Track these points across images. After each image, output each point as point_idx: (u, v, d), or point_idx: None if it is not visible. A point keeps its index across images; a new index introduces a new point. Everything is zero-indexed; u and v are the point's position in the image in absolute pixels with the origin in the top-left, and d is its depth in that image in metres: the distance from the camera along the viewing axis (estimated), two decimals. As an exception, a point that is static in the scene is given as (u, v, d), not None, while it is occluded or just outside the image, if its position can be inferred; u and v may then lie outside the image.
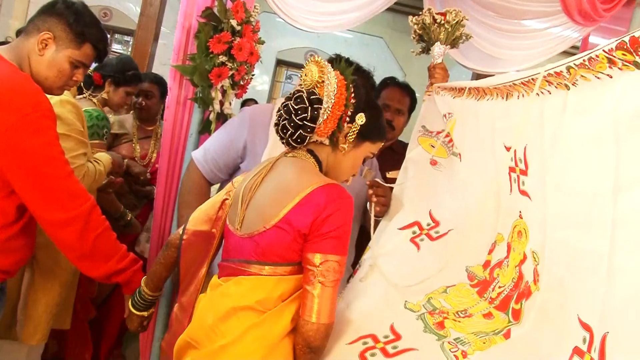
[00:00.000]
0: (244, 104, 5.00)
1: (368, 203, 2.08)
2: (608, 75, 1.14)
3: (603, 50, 1.10)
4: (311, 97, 1.44)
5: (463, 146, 1.94)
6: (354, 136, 1.51)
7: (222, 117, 2.47)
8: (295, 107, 1.44)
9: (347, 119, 1.49)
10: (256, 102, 5.50)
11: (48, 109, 1.61)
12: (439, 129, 2.10)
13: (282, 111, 1.48)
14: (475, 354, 1.35)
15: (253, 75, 2.54)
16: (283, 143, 1.52)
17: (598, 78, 1.17)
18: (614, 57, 1.08)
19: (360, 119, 1.50)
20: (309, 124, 1.44)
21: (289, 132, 1.46)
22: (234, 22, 2.27)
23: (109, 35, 8.31)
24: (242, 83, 2.46)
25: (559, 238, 1.31)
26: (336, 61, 1.54)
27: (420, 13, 2.28)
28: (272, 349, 1.34)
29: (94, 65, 2.11)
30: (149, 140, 3.32)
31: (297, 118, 1.43)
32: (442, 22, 2.21)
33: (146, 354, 2.63)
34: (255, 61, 2.43)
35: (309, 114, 1.42)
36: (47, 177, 1.60)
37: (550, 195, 1.35)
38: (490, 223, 1.72)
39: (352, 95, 1.49)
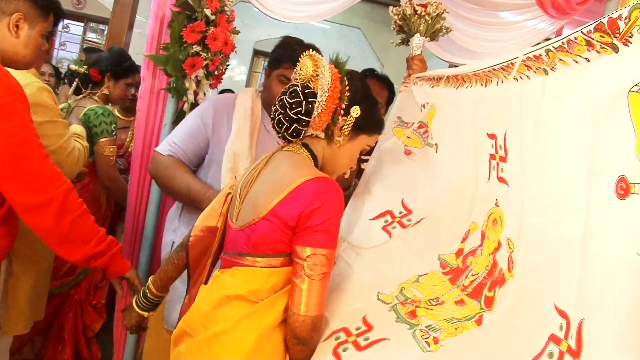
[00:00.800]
0: (220, 94, 4.94)
1: None
2: (586, 58, 1.14)
3: (582, 32, 1.10)
4: (306, 90, 1.44)
5: (443, 136, 1.93)
6: (349, 129, 1.51)
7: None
8: (290, 101, 1.44)
9: (342, 112, 1.49)
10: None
11: (19, 92, 1.58)
12: (415, 120, 2.11)
13: (277, 105, 1.49)
14: (447, 340, 1.35)
15: (228, 65, 2.52)
16: (279, 137, 1.53)
17: (576, 62, 1.18)
18: (592, 39, 1.08)
19: (355, 111, 1.49)
20: (304, 118, 1.44)
21: (284, 126, 1.46)
22: (208, 12, 2.25)
23: (82, 24, 8.22)
24: (216, 73, 2.44)
25: (536, 224, 1.31)
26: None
27: (401, 4, 2.28)
28: (263, 338, 1.36)
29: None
30: (127, 131, 3.27)
31: (292, 112, 1.44)
32: (423, 13, 2.21)
33: (120, 349, 2.62)
34: (229, 51, 2.40)
35: (303, 108, 1.43)
36: (22, 160, 1.57)
37: (528, 181, 1.36)
38: (464, 211, 1.73)
39: (347, 88, 1.49)
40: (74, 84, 2.96)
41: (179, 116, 2.42)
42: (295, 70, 1.52)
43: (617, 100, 1.03)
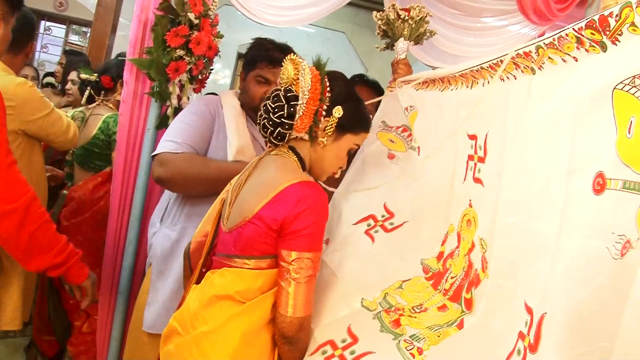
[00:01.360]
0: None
1: None
2: (574, 57, 1.16)
3: (573, 29, 1.12)
4: (288, 94, 1.47)
5: (424, 138, 1.94)
6: (332, 129, 1.53)
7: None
8: (273, 105, 1.47)
9: (324, 112, 1.51)
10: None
11: None
12: (399, 124, 2.12)
13: (262, 110, 1.52)
14: (431, 349, 1.36)
15: (212, 69, 2.51)
16: (266, 141, 1.55)
17: (564, 61, 1.19)
18: (583, 36, 1.10)
19: (338, 111, 1.51)
20: (287, 121, 1.47)
21: (269, 131, 1.49)
22: (191, 16, 2.24)
23: (65, 26, 8.14)
24: (200, 77, 2.43)
25: (510, 223, 1.32)
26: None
27: (385, 9, 2.29)
28: (250, 336, 1.38)
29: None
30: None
31: (275, 116, 1.47)
32: (406, 18, 2.23)
33: (103, 353, 2.60)
34: (213, 55, 2.40)
35: (285, 111, 1.46)
36: None
37: (506, 180, 1.37)
38: (442, 214, 1.74)
39: (328, 89, 1.51)
40: (87, 93, 2.96)
41: (162, 121, 2.41)
42: (280, 75, 1.54)
43: (602, 98, 1.04)
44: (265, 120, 1.49)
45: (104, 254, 2.56)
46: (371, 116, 1.69)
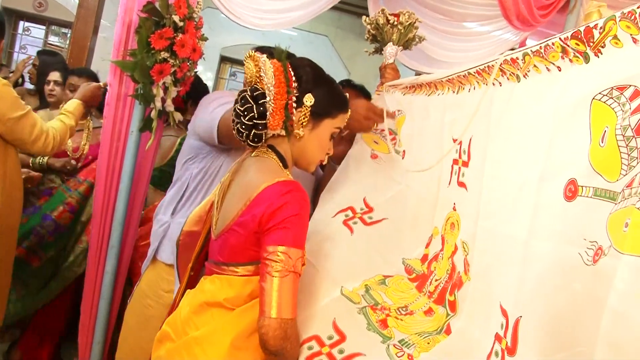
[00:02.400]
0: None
1: None
2: (558, 67, 1.19)
3: (559, 39, 1.15)
4: (254, 93, 1.41)
5: (411, 141, 1.97)
6: (306, 119, 1.47)
7: (164, 115, 2.42)
8: (242, 108, 1.42)
9: (294, 104, 1.45)
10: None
11: None
12: (383, 126, 2.14)
13: (233, 115, 1.46)
14: (421, 356, 1.37)
15: (196, 72, 2.50)
16: (244, 144, 1.50)
17: (548, 70, 1.22)
18: (568, 45, 1.13)
19: (309, 100, 1.45)
20: (259, 122, 1.41)
21: (244, 134, 1.44)
22: (176, 18, 2.22)
23: (44, 27, 8.04)
24: (184, 80, 2.42)
25: (487, 226, 1.35)
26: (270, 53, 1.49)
27: (371, 13, 2.30)
28: (240, 342, 1.35)
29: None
30: (81, 134, 3.19)
31: (246, 119, 1.41)
32: (395, 23, 2.25)
33: (86, 356, 2.57)
34: (198, 58, 2.39)
35: (255, 112, 1.40)
36: None
37: (486, 184, 1.39)
38: (427, 217, 1.76)
39: (293, 79, 1.44)
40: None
41: (146, 123, 2.39)
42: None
43: (581, 107, 1.07)
44: (239, 125, 1.44)
45: (87, 258, 2.54)
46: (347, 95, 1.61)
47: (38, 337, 2.99)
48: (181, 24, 2.25)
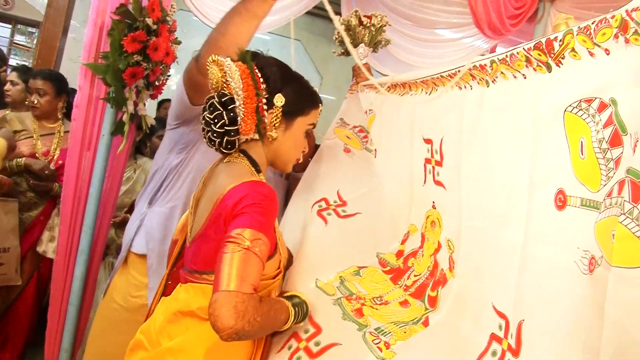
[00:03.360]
0: (161, 104, 4.82)
1: None
2: (523, 75, 1.23)
3: (523, 49, 1.20)
4: (222, 99, 1.37)
5: (381, 140, 2.00)
6: (278, 120, 1.43)
7: (136, 118, 2.39)
8: (211, 116, 1.37)
9: (265, 107, 1.41)
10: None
11: None
12: (356, 123, 2.18)
13: (202, 124, 1.42)
14: (398, 344, 1.39)
15: (169, 75, 2.48)
16: (216, 151, 1.46)
17: (515, 77, 1.26)
18: (531, 56, 1.18)
19: (279, 100, 1.41)
20: (231, 128, 1.37)
21: (216, 142, 1.40)
22: (149, 21, 2.20)
23: (10, 25, 7.86)
24: (157, 84, 2.40)
25: (475, 226, 1.38)
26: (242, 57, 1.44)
27: (348, 15, 2.33)
28: (216, 352, 1.32)
29: None
30: (52, 137, 3.18)
31: (217, 126, 1.37)
32: (368, 24, 2.28)
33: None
34: (171, 62, 2.37)
35: (226, 119, 1.36)
36: None
37: (465, 186, 1.42)
38: (401, 214, 1.79)
39: (261, 80, 1.40)
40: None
41: (117, 127, 2.35)
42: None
43: (555, 119, 1.11)
44: (210, 133, 1.39)
45: (54, 264, 2.49)
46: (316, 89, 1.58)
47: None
48: (154, 27, 2.23)
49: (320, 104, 1.57)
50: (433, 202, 1.63)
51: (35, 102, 3.07)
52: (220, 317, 1.09)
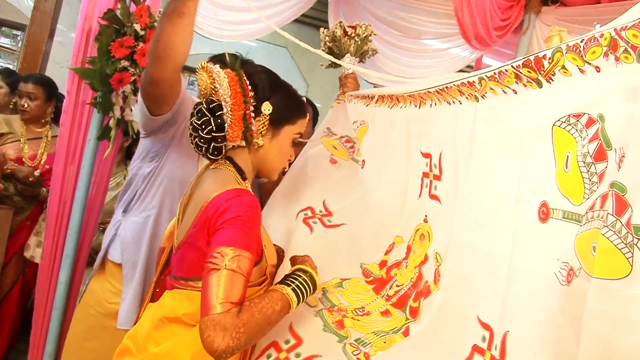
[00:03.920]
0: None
1: None
2: (513, 90, 1.25)
3: (512, 66, 1.21)
4: (210, 105, 1.38)
5: (372, 152, 2.01)
6: (265, 128, 1.44)
7: (123, 124, 2.39)
8: (199, 122, 1.38)
9: (252, 114, 1.42)
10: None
11: None
12: (343, 133, 2.17)
13: (190, 129, 1.43)
14: (377, 354, 1.39)
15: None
16: (203, 157, 1.47)
17: (505, 92, 1.28)
18: (521, 73, 1.20)
19: (267, 108, 1.43)
20: (218, 134, 1.38)
21: (203, 148, 1.41)
22: (137, 27, 2.21)
23: (-5, 28, 7.79)
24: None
25: (464, 240, 1.39)
26: (222, 61, 1.45)
27: (329, 26, 2.34)
28: (200, 357, 1.28)
29: None
30: (39, 142, 3.17)
31: (204, 133, 1.38)
32: (353, 34, 2.29)
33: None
34: (158, 67, 2.37)
35: (213, 125, 1.37)
36: None
37: (460, 200, 1.43)
38: (388, 225, 1.79)
39: (249, 88, 1.41)
40: None
41: (104, 132, 2.35)
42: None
43: (543, 133, 1.14)
44: (197, 139, 1.40)
45: (39, 268, 2.48)
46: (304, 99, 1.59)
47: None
48: (142, 32, 2.24)
49: (307, 115, 1.58)
50: (425, 215, 1.64)
51: (26, 105, 3.06)
52: (206, 344, 1.13)
